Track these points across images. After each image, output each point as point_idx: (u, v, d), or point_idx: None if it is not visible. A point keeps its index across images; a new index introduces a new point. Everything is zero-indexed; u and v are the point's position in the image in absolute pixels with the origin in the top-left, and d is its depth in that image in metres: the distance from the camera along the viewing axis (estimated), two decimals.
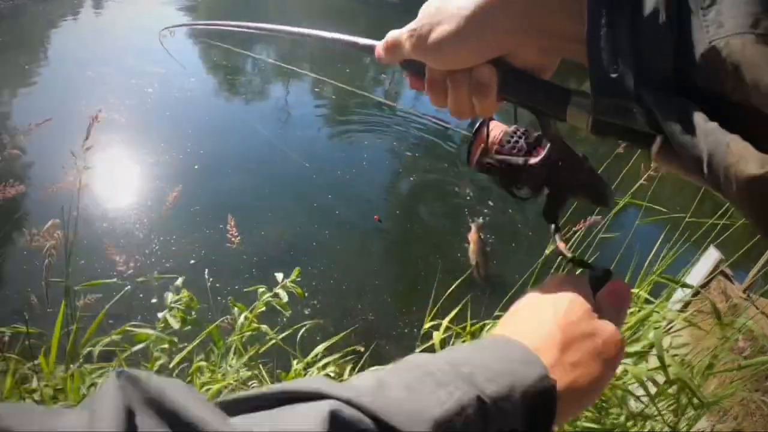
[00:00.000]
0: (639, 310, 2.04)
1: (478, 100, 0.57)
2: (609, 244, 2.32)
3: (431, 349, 2.29)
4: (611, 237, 2.29)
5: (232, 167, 5.61)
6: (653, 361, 1.87)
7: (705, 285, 3.07)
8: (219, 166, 5.59)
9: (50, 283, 1.94)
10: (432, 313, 2.26)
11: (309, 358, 2.18)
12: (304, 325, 2.30)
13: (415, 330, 2.36)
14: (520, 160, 0.69)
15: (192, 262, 4.25)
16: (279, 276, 2.12)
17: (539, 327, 0.48)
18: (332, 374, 2.32)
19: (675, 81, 0.41)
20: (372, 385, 0.38)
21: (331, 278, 4.32)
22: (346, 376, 2.35)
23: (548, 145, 0.67)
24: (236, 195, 5.17)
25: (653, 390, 1.84)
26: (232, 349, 2.08)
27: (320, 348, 2.21)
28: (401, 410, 0.36)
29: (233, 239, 2.15)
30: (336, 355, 2.31)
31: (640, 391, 1.86)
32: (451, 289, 2.35)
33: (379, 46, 0.63)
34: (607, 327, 0.49)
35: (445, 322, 2.23)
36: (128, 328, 2.07)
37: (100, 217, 4.65)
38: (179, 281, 2.19)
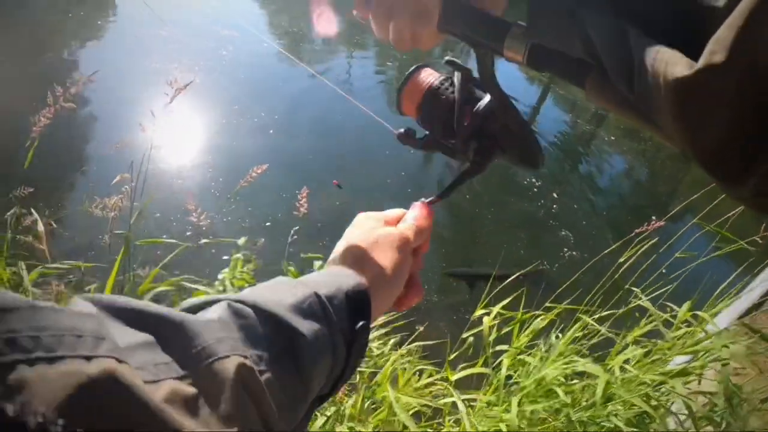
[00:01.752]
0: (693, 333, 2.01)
1: (420, 26, 0.60)
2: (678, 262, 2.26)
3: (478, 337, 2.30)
4: (684, 256, 2.23)
5: (305, 133, 5.70)
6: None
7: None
8: (293, 132, 5.70)
9: (113, 236, 2.02)
10: (484, 302, 2.26)
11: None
12: None
13: (467, 317, 2.36)
14: (451, 101, 0.70)
15: (266, 224, 4.38)
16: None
17: (347, 252, 0.65)
18: (375, 348, 2.36)
19: (613, 5, 0.42)
20: (249, 290, 0.53)
21: None
22: (386, 349, 2.38)
23: (487, 95, 0.69)
24: (308, 162, 5.27)
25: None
26: None
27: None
28: (268, 300, 0.50)
29: (300, 209, 2.19)
30: (383, 330, 2.34)
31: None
32: (509, 280, 2.34)
33: None
34: (387, 230, 0.68)
35: (496, 309, 2.23)
36: (184, 283, 2.15)
37: (174, 174, 4.82)
38: (241, 240, 2.25)
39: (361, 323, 0.56)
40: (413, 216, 0.73)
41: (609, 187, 5.84)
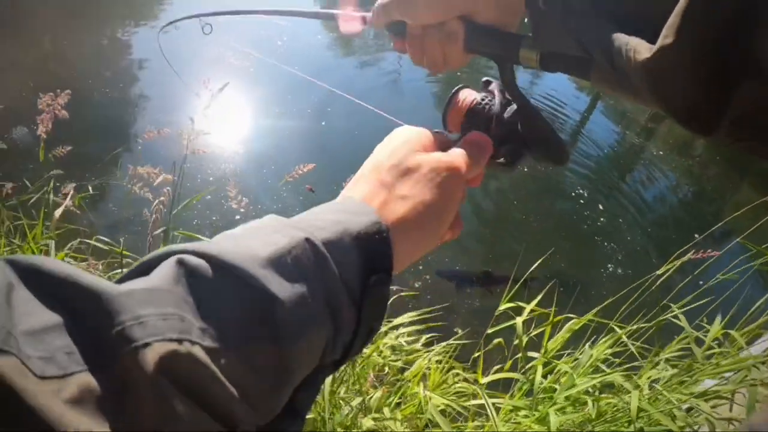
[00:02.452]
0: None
1: (449, 49, 0.69)
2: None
3: (505, 332, 2.31)
4: (727, 278, 2.20)
5: (356, 127, 5.71)
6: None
7: None
8: (343, 126, 5.73)
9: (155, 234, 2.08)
10: (510, 295, 2.26)
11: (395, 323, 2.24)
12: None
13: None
14: (492, 115, 0.76)
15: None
16: None
17: (370, 176, 0.52)
18: (404, 342, 2.38)
19: (594, 9, 0.51)
20: (220, 237, 0.42)
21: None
22: (418, 345, 2.41)
23: (514, 105, 0.76)
24: (354, 160, 5.27)
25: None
26: None
27: (397, 321, 2.27)
28: (238, 251, 0.38)
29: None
30: (414, 327, 2.36)
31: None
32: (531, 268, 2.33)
33: (370, 13, 0.77)
34: (432, 156, 0.53)
35: (530, 306, 2.23)
36: None
37: (225, 158, 4.93)
38: None
39: (374, 277, 0.44)
40: (472, 138, 0.61)
41: (654, 202, 5.72)
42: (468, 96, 0.81)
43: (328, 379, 1.89)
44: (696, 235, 2.16)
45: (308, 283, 0.39)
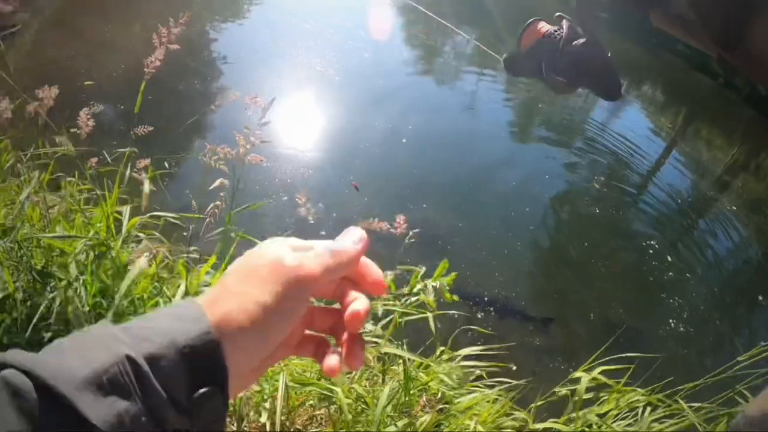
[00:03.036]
0: None
1: None
2: None
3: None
4: None
5: (431, 148, 5.77)
6: None
7: None
8: (421, 145, 5.77)
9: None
10: (590, 363, 2.19)
11: (452, 354, 2.21)
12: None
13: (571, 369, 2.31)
14: (558, 44, 0.93)
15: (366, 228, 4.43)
16: (445, 265, 2.15)
17: (218, 284, 0.49)
18: (455, 375, 2.34)
19: None
20: (48, 350, 0.41)
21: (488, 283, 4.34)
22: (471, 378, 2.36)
23: (582, 40, 0.90)
24: (429, 178, 5.31)
25: None
26: (387, 319, 2.16)
27: (463, 352, 2.23)
28: (58, 372, 0.38)
29: (399, 228, 2.21)
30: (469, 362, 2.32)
31: None
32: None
33: None
34: (279, 257, 0.48)
35: (594, 373, 2.16)
36: None
37: (293, 162, 5.00)
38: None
39: (202, 390, 0.43)
40: (336, 244, 0.53)
41: (723, 259, 5.49)
42: (543, 26, 0.99)
43: (382, 395, 1.88)
44: (760, 297, 2.04)
45: (126, 401, 0.39)
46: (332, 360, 0.52)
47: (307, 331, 0.56)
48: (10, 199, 2.27)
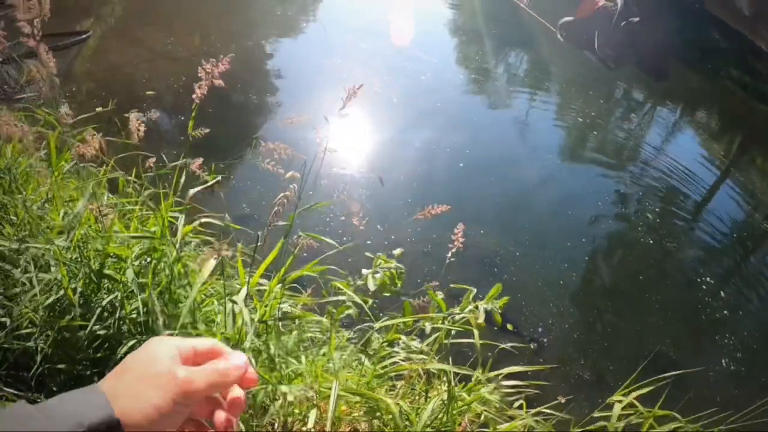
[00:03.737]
0: None
1: None
2: None
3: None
4: None
5: (491, 175, 5.77)
6: None
7: None
8: (477, 170, 5.78)
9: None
10: (625, 389, 2.14)
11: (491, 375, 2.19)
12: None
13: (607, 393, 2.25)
14: (613, 18, 0.95)
15: (415, 245, 4.45)
16: (498, 288, 2.14)
17: (121, 373, 0.57)
18: (496, 398, 2.31)
19: None
20: None
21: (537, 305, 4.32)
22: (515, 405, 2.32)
23: (636, 18, 0.92)
24: (484, 202, 5.34)
25: None
26: (434, 337, 2.16)
27: (505, 371, 2.21)
28: None
29: (456, 242, 2.20)
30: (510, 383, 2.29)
31: None
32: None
33: None
34: (170, 368, 0.57)
35: (629, 399, 2.10)
36: (330, 277, 2.26)
37: (349, 176, 5.09)
38: (398, 251, 2.32)
39: None
40: (222, 366, 0.61)
41: None
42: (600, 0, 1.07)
43: (425, 413, 1.87)
44: None
45: None
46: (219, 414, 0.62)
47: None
48: (69, 197, 2.36)
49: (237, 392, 0.63)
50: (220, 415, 0.62)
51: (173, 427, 0.57)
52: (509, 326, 3.46)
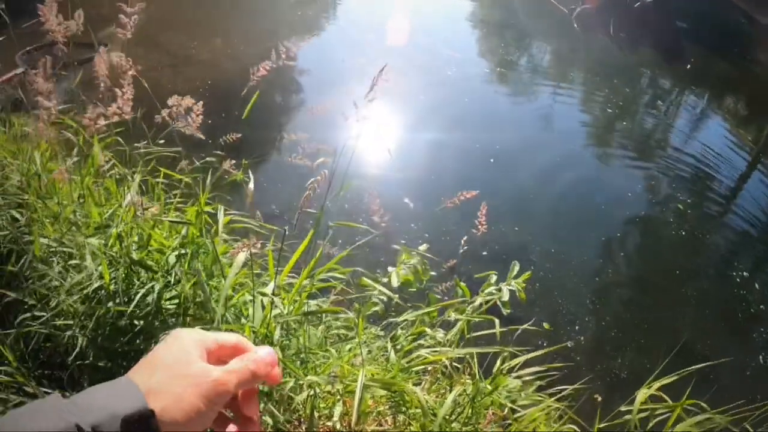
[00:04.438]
0: None
1: None
2: None
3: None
4: None
5: (522, 170, 5.76)
6: None
7: None
8: (508, 166, 5.78)
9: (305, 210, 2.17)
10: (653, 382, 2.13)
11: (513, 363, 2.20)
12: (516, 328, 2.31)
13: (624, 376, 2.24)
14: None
15: (441, 237, 4.49)
16: (515, 266, 2.15)
17: (152, 368, 0.58)
18: (518, 385, 2.32)
19: None
20: (7, 417, 0.49)
21: (557, 292, 4.33)
22: (529, 390, 2.33)
23: (649, 1, 0.82)
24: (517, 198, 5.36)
25: None
26: (457, 327, 2.17)
27: (523, 358, 2.22)
28: None
29: (480, 227, 2.22)
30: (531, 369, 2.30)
31: None
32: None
33: None
34: (206, 369, 0.59)
35: (653, 389, 2.09)
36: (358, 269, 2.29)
37: (376, 174, 5.13)
38: (423, 247, 2.35)
39: None
40: (251, 360, 0.64)
41: None
42: None
43: (444, 406, 1.89)
44: None
45: None
46: (231, 427, 0.66)
47: None
48: (106, 193, 2.44)
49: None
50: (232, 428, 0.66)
51: (206, 425, 0.59)
52: (546, 325, 3.45)
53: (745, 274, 4.99)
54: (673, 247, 5.22)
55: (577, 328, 4.05)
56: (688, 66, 8.66)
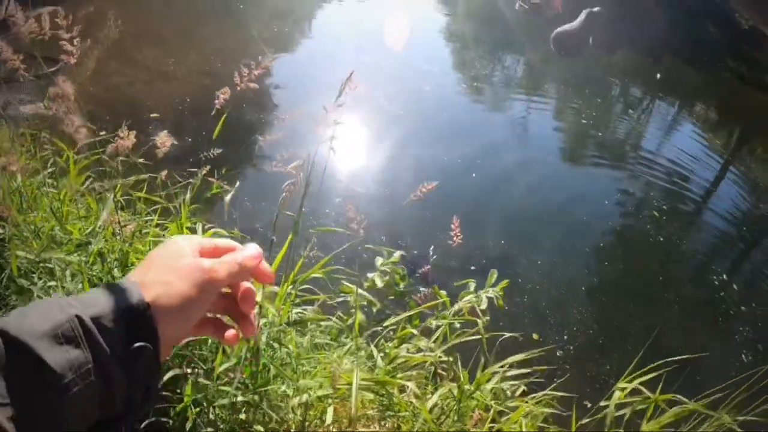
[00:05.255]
0: None
1: None
2: None
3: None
4: None
5: (505, 182, 5.84)
6: None
7: None
8: (490, 179, 5.84)
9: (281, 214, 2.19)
10: (629, 376, 2.18)
11: (496, 367, 2.24)
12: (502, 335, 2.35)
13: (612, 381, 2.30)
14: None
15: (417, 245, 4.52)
16: (494, 274, 2.19)
17: (148, 267, 0.62)
18: (506, 388, 2.35)
19: None
20: (14, 313, 0.52)
21: (536, 296, 4.39)
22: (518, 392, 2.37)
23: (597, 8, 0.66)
24: (478, 197, 5.44)
25: None
26: (439, 332, 2.21)
27: (510, 359, 2.26)
28: (21, 327, 0.48)
29: (456, 238, 2.26)
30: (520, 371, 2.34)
31: None
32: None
33: None
34: (194, 261, 0.63)
35: (632, 384, 2.14)
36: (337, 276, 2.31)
37: (352, 189, 5.14)
38: (397, 255, 2.38)
39: (137, 344, 0.54)
40: (240, 256, 0.67)
41: None
42: None
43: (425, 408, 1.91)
44: None
45: (76, 350, 0.50)
46: (230, 332, 0.69)
47: (208, 315, 0.70)
48: (84, 214, 2.43)
49: (247, 285, 0.69)
50: (230, 332, 0.69)
51: (199, 314, 0.63)
52: (535, 336, 3.50)
53: (722, 274, 5.11)
54: (653, 254, 5.31)
55: (562, 334, 4.11)
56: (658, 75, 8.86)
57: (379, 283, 2.30)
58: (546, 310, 4.28)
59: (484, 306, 2.25)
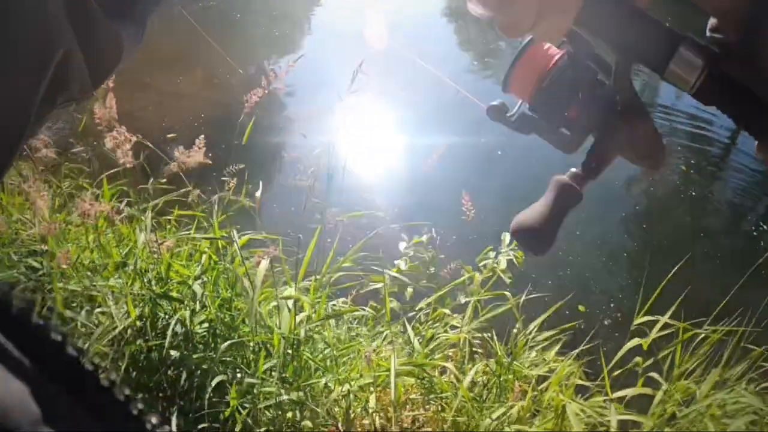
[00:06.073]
0: None
1: (551, 12, 0.47)
2: None
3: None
4: None
5: (527, 168, 5.60)
6: None
7: None
8: (512, 168, 5.73)
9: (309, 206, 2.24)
10: (645, 309, 2.19)
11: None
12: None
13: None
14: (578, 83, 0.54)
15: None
16: (506, 237, 2.23)
17: None
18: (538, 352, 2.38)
19: None
20: None
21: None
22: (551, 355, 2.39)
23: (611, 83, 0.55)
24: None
25: None
26: (469, 308, 2.25)
27: (537, 322, 2.29)
28: None
29: (469, 213, 2.30)
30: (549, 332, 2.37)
31: None
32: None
33: None
34: None
35: (663, 320, 2.16)
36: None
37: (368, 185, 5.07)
38: (424, 238, 2.43)
39: None
40: None
41: None
42: (553, 52, 0.57)
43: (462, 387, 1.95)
44: None
45: None
46: None
47: None
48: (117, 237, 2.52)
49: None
50: None
51: None
52: (581, 308, 3.45)
53: (762, 226, 5.01)
54: (688, 210, 5.23)
55: (613, 306, 4.08)
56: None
57: (404, 266, 2.35)
58: (590, 281, 4.26)
59: (503, 266, 2.28)
